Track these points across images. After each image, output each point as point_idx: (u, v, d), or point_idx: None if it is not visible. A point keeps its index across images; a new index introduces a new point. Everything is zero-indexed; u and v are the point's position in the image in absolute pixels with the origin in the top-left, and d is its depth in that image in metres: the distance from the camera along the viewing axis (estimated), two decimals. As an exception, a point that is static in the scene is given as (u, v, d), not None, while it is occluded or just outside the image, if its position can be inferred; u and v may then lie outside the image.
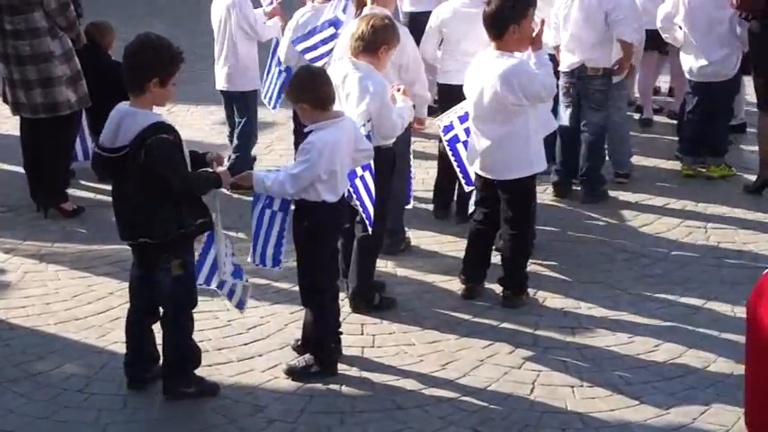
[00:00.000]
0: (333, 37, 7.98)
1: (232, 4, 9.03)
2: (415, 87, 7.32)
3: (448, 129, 7.26)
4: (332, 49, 7.90)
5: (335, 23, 8.05)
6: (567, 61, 8.87)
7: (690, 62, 9.37)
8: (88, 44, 9.03)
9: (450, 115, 7.26)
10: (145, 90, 5.51)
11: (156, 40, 5.58)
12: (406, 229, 7.96)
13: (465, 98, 7.08)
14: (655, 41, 9.90)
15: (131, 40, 5.62)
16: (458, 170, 7.33)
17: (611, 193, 9.01)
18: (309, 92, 5.89)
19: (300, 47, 8.16)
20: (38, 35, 8.30)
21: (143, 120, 5.47)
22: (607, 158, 9.28)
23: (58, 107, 8.41)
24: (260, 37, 9.10)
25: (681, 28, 9.40)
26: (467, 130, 7.12)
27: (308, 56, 8.07)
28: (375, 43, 6.59)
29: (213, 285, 5.98)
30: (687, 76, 9.47)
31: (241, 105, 9.18)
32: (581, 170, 8.93)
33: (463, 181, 7.36)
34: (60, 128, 8.56)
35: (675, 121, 10.44)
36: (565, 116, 8.96)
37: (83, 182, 9.23)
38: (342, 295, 6.59)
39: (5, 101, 8.71)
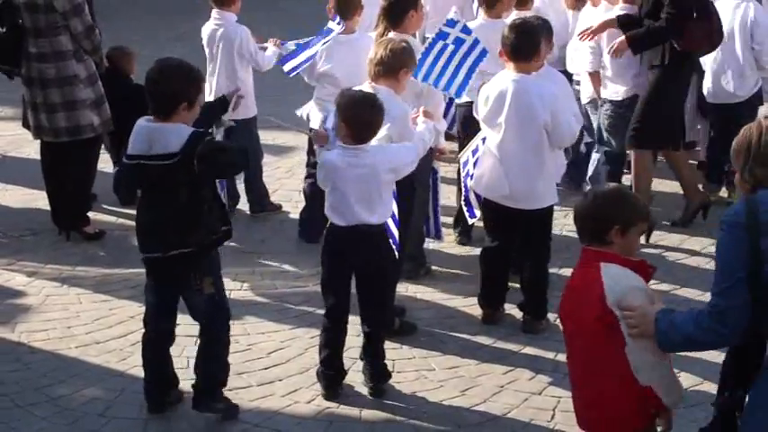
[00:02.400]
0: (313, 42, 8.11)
1: (232, 32, 8.93)
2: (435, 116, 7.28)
3: (466, 164, 7.27)
4: (312, 55, 8.00)
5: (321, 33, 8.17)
6: (619, 89, 8.84)
7: (707, 85, 9.36)
8: (110, 68, 9.07)
9: (467, 152, 7.28)
10: (174, 114, 5.53)
11: (185, 66, 5.63)
12: (427, 253, 7.95)
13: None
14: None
15: (156, 65, 5.64)
16: (463, 202, 7.40)
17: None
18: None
19: (287, 67, 8.21)
20: (63, 58, 8.34)
21: (184, 131, 5.53)
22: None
23: (81, 131, 8.45)
24: (260, 67, 8.99)
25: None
26: (474, 162, 7.15)
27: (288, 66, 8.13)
28: (394, 67, 6.60)
29: None
30: (711, 99, 9.42)
31: (245, 133, 9.14)
32: None
33: (467, 213, 7.40)
34: (82, 151, 8.60)
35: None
36: (614, 142, 8.95)
37: (105, 205, 9.26)
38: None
39: (26, 125, 8.76)
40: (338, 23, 8.18)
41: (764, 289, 3.84)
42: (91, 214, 8.79)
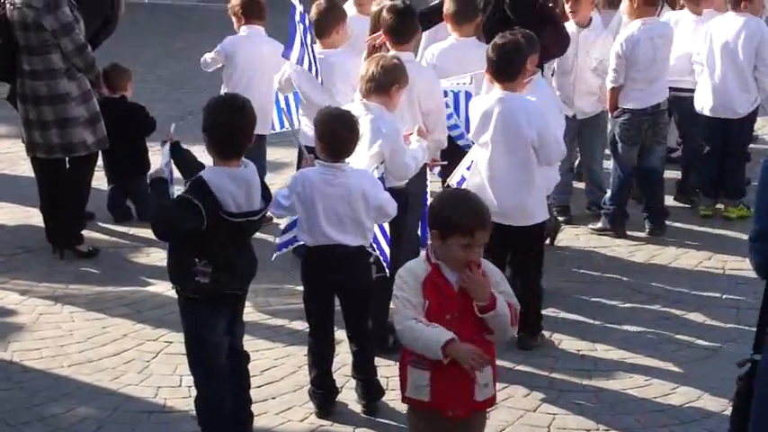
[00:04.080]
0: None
1: (265, 44, 8.97)
2: (436, 133, 7.26)
3: (460, 183, 7.24)
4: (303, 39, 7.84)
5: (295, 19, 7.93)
6: (646, 100, 8.88)
7: (706, 99, 9.35)
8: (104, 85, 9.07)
9: (461, 170, 7.24)
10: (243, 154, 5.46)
11: (249, 106, 5.48)
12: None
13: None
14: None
15: (218, 104, 5.48)
16: None
17: (628, 233, 8.98)
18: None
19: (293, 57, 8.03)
20: (54, 76, 8.33)
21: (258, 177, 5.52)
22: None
23: (74, 148, 8.43)
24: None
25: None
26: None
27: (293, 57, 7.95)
28: (386, 83, 6.58)
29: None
30: (709, 113, 9.41)
31: (257, 149, 9.11)
32: (645, 203, 9.11)
33: None
34: (77, 169, 8.58)
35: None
36: (631, 155, 8.97)
37: (99, 223, 9.23)
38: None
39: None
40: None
41: None
42: (84, 232, 8.76)
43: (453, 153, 7.48)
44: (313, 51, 7.84)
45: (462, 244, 4.60)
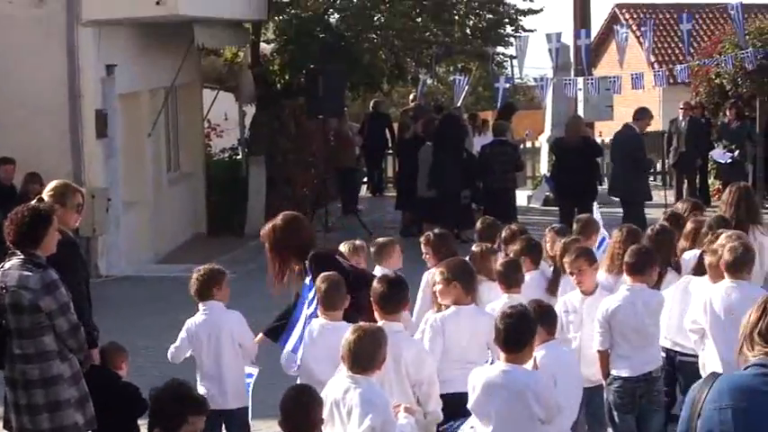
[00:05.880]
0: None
1: (226, 319, 8.94)
2: (430, 405, 7.15)
3: None
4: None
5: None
6: (637, 367, 8.73)
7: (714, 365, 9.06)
8: (99, 366, 8.94)
9: None
10: None
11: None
12: None
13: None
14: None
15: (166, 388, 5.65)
16: None
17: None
18: None
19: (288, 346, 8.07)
20: (47, 359, 8.22)
21: None
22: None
23: (65, 431, 8.26)
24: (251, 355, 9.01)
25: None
26: None
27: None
28: (372, 355, 6.55)
29: None
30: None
31: (238, 423, 8.98)
32: None
33: None
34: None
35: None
36: (629, 424, 8.80)
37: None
38: None
39: (8, 427, 8.56)
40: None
41: None
42: None
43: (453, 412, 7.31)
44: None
45: None
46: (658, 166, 26.81)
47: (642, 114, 18.68)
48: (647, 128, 19.61)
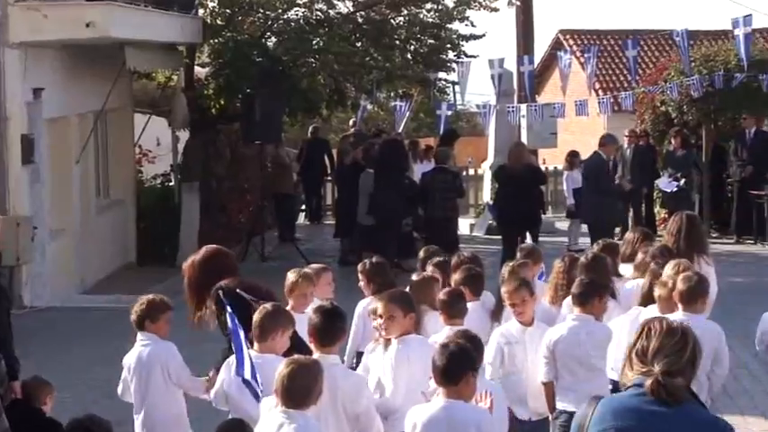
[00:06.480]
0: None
1: (158, 353, 8.55)
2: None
3: None
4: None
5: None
6: (584, 399, 8.31)
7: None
8: (21, 400, 8.45)
9: None
10: None
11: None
12: None
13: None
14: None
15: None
16: None
17: None
18: None
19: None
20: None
21: None
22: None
23: (-20, 468, 7.74)
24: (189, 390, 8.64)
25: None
26: None
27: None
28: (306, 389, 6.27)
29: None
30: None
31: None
32: None
33: None
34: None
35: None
36: None
37: None
38: None
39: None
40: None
41: None
42: None
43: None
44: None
45: None
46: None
47: (607, 140, 19.52)
48: (613, 153, 20.54)
